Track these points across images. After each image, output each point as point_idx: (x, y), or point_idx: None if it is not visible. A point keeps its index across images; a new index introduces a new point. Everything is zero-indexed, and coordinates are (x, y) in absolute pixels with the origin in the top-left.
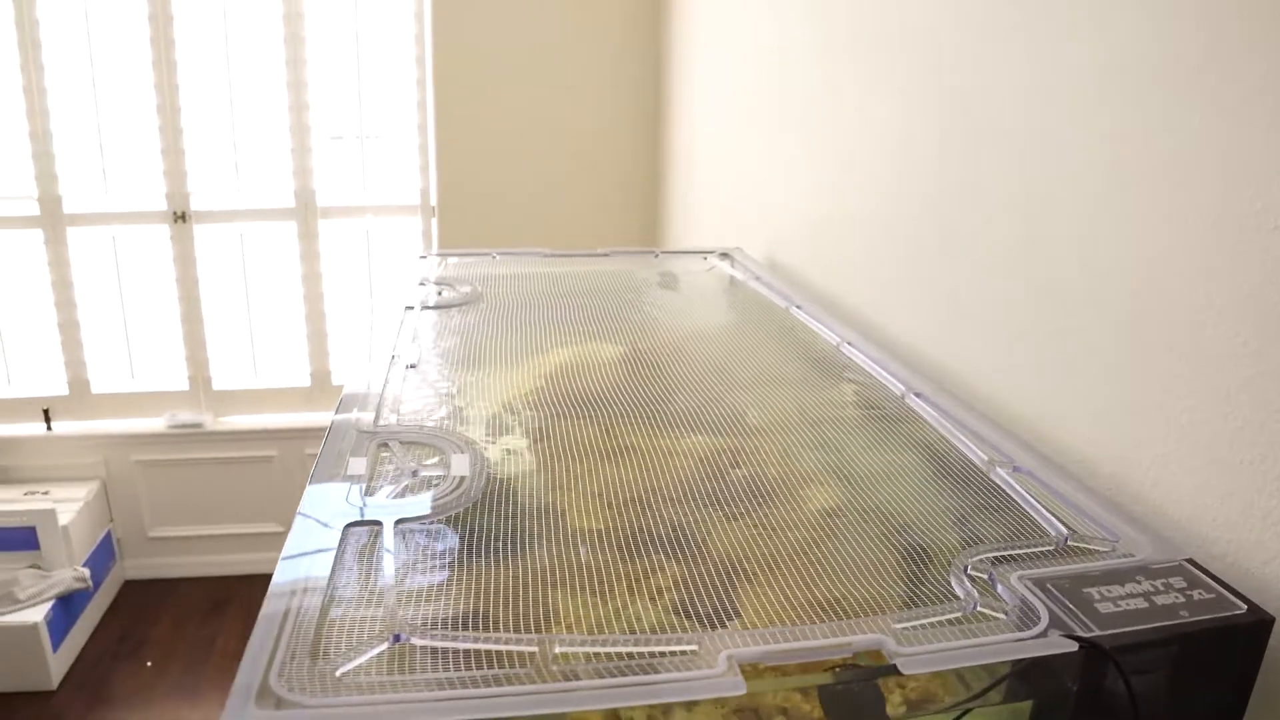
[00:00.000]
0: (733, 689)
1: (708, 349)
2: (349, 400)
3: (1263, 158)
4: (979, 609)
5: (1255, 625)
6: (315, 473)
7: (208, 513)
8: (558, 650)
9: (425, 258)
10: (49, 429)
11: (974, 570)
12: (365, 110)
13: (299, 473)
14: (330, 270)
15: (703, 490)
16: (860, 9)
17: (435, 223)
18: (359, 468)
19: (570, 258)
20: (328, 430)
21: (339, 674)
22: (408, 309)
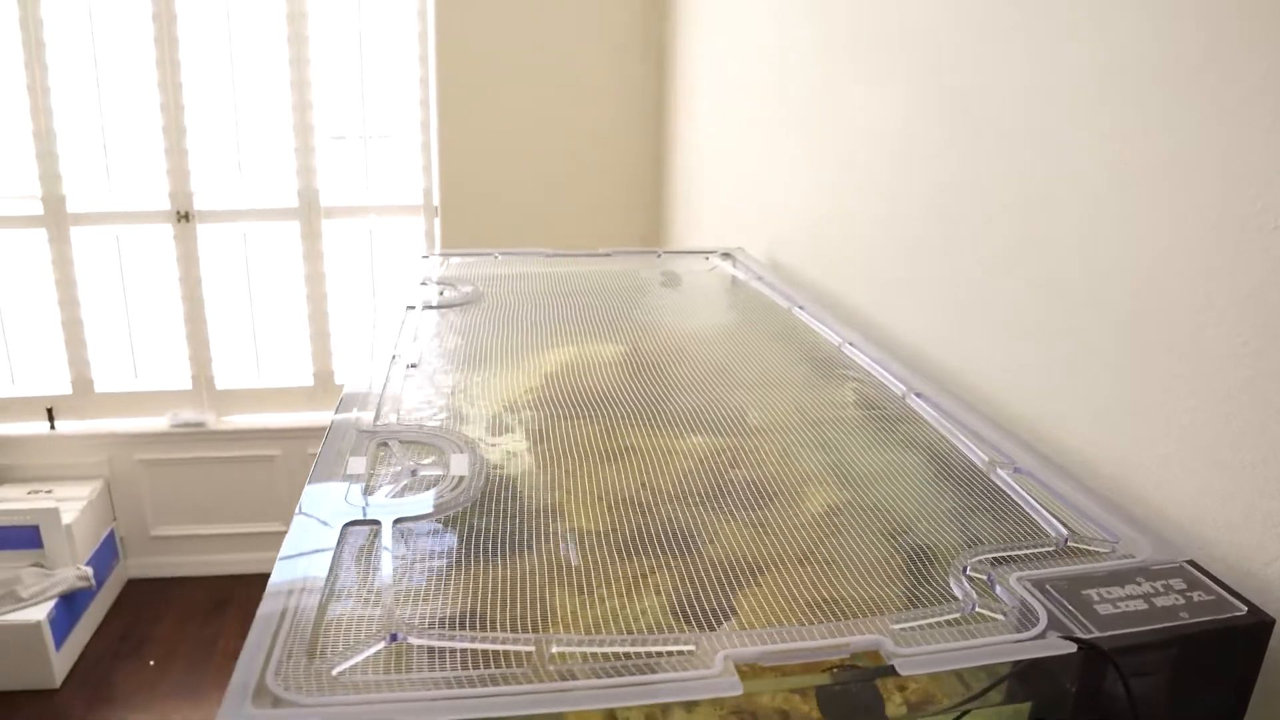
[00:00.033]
0: (729, 689)
1: (709, 349)
2: (349, 400)
3: (1263, 158)
4: (978, 610)
5: (1255, 627)
6: (314, 472)
7: (210, 512)
8: (554, 650)
9: (427, 257)
10: (52, 428)
11: (973, 571)
12: (368, 110)
13: (301, 472)
14: (333, 270)
15: (703, 490)
16: (861, 9)
17: (438, 222)
18: (358, 467)
19: (572, 257)
20: (327, 429)
21: (335, 673)
22: (409, 309)
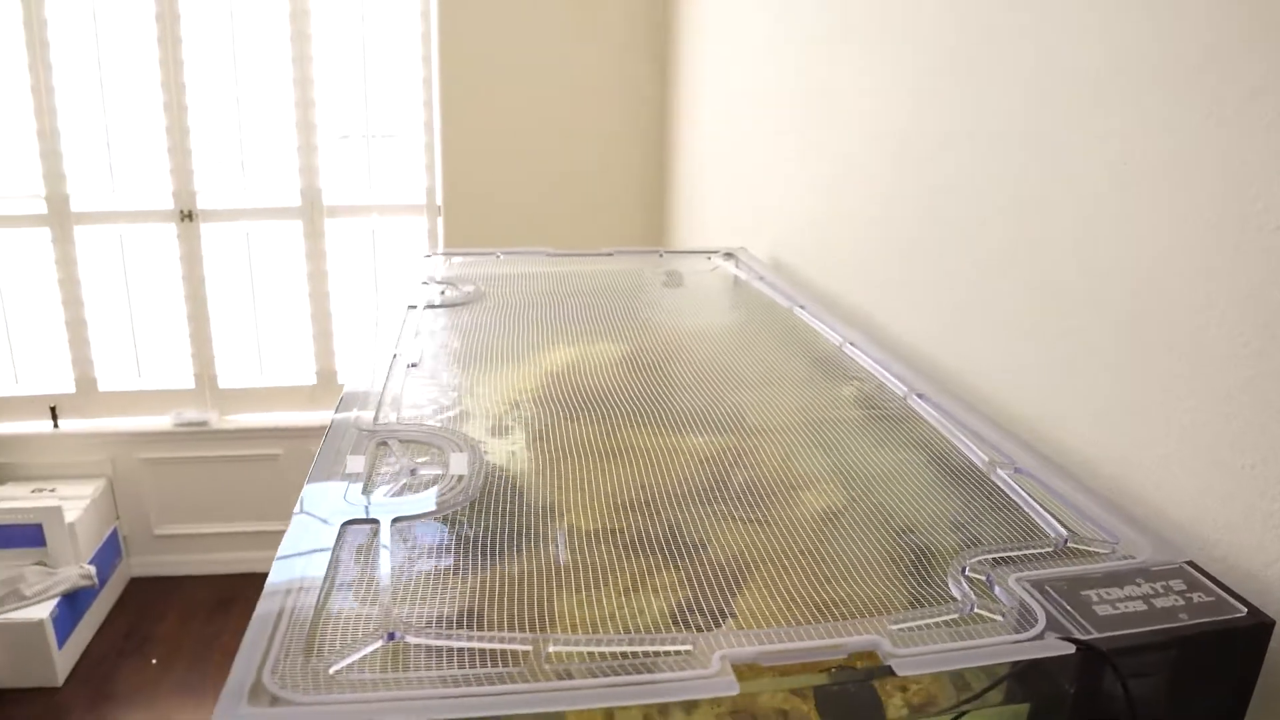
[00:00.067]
0: (726, 689)
1: (711, 349)
2: (349, 399)
3: (1263, 158)
4: (976, 610)
5: (1255, 628)
6: (314, 471)
7: (213, 510)
8: (551, 649)
9: (430, 257)
10: (56, 426)
11: (972, 571)
12: (371, 109)
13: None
14: (336, 269)
15: (703, 490)
16: (862, 10)
17: (440, 222)
18: (357, 466)
19: (574, 257)
20: (327, 428)
21: (332, 671)
22: (410, 308)
